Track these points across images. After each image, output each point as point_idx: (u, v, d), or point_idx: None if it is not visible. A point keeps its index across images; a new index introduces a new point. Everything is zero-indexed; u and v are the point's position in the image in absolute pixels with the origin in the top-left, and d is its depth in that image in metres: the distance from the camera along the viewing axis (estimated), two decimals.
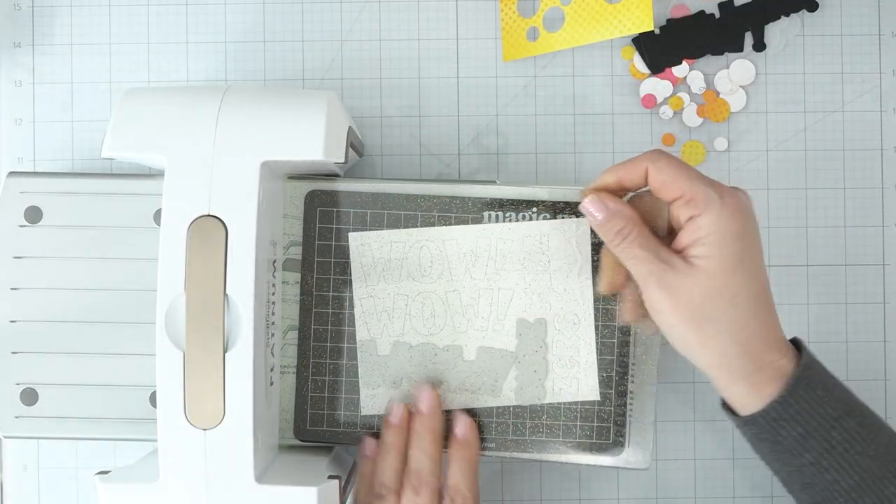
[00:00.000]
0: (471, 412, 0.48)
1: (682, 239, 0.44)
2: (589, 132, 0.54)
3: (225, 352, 0.41)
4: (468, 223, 0.48)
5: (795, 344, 0.45)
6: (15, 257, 0.49)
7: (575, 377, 0.48)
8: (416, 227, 0.48)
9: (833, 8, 0.54)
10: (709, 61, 0.54)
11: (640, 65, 0.54)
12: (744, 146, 0.54)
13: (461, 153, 0.54)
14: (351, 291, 0.48)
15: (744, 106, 0.54)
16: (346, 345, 0.48)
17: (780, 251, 0.54)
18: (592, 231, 0.47)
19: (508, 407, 0.48)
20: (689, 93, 0.54)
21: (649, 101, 0.54)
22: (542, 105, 0.54)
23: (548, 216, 0.47)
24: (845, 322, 0.54)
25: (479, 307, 0.48)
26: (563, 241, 0.47)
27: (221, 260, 0.41)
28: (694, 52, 0.53)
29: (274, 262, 0.46)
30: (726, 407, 0.46)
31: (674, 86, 0.54)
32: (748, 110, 0.54)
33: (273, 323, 0.46)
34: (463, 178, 0.54)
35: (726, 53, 0.54)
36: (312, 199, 0.48)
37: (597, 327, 0.48)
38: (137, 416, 0.49)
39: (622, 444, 0.48)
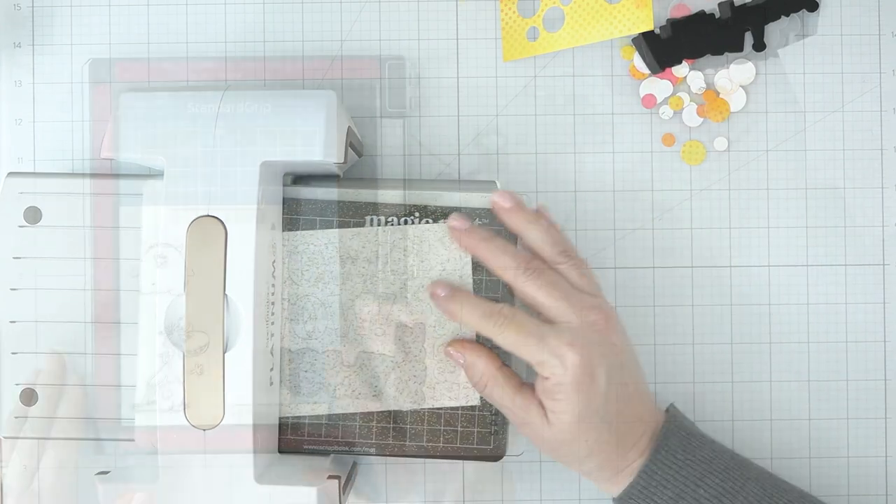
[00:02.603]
0: (351, 416, 0.47)
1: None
2: (589, 132, 0.54)
3: (225, 352, 0.41)
4: (350, 227, 0.47)
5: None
6: (14, 257, 0.49)
7: (455, 381, 0.47)
8: (297, 230, 0.47)
9: (833, 8, 0.54)
10: (709, 61, 0.54)
11: (640, 65, 0.54)
12: (744, 146, 0.54)
13: (461, 153, 0.54)
14: None
15: (744, 106, 0.54)
16: None
17: (780, 251, 0.54)
18: None
19: (389, 412, 0.47)
20: (689, 93, 0.54)
21: (649, 101, 0.54)
22: (542, 105, 0.54)
23: (430, 220, 0.47)
24: (845, 322, 0.54)
25: (357, 310, 0.47)
26: (442, 246, 0.47)
27: (221, 260, 0.41)
28: (694, 52, 0.53)
29: (273, 262, 0.46)
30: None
31: (674, 86, 0.54)
32: (748, 110, 0.54)
33: (273, 323, 0.46)
34: (463, 179, 0.54)
35: (726, 53, 0.54)
36: None
37: (477, 332, 0.47)
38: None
39: (503, 449, 0.48)
